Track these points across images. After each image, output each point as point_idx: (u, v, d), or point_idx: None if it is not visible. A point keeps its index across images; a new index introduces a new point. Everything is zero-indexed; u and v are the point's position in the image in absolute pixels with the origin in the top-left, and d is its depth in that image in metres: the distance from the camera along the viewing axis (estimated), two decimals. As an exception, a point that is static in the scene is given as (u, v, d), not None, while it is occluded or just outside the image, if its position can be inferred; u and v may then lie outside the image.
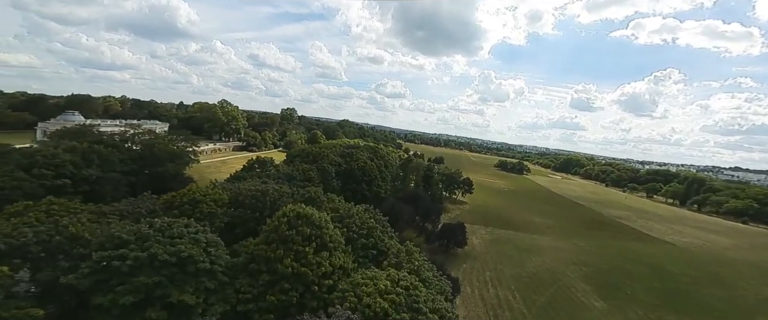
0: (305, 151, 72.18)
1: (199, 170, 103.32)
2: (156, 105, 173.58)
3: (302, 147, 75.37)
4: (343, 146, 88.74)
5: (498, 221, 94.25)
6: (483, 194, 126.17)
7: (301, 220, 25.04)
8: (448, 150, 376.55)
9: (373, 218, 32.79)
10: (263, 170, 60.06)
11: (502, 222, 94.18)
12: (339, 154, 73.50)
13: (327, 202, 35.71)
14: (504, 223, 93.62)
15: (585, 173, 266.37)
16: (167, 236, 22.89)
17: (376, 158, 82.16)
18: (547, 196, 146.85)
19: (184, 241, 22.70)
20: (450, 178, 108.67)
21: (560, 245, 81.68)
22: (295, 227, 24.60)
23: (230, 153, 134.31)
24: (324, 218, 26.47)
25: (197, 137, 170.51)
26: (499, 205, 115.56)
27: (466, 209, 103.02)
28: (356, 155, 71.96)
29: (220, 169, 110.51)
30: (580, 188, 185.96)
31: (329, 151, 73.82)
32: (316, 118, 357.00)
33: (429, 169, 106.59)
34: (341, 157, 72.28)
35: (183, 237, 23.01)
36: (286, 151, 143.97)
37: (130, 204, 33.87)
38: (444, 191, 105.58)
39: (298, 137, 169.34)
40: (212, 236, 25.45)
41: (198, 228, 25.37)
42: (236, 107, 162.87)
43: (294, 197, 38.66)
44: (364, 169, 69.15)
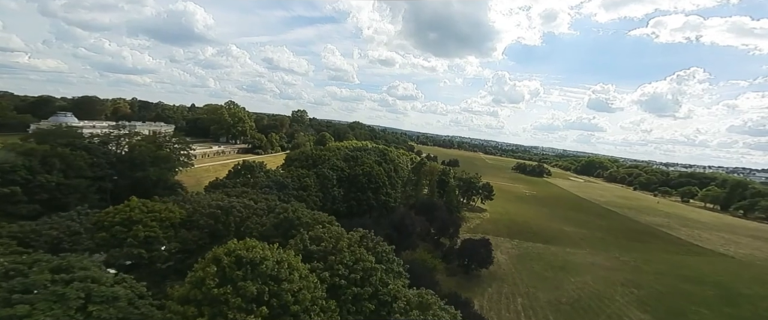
0: (305, 154, 62.60)
1: (196, 174, 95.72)
2: (164, 107, 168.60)
3: (302, 150, 65.74)
4: (349, 148, 78.99)
5: (524, 233, 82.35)
6: (503, 200, 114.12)
7: (244, 268, 15.25)
8: (462, 152, 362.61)
9: (372, 252, 22.40)
10: (251, 177, 50.73)
11: (529, 233, 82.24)
12: (343, 157, 63.70)
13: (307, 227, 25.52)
14: (531, 234, 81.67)
15: (609, 176, 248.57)
16: (5, 289, 13.48)
17: (385, 162, 72.04)
18: (573, 202, 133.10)
19: (37, 297, 13.21)
20: (467, 183, 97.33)
21: (599, 260, 69.44)
22: (232, 280, 14.83)
23: (234, 156, 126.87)
24: (287, 263, 16.53)
25: (203, 139, 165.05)
26: (523, 213, 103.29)
27: (487, 219, 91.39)
28: (362, 158, 62.03)
29: (220, 172, 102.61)
30: (607, 192, 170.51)
31: (332, 154, 64.14)
32: (327, 120, 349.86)
33: (444, 173, 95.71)
34: (345, 161, 62.45)
35: (35, 291, 13.53)
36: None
37: (45, 223, 24.72)
38: (461, 198, 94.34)
39: (306, 138, 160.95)
40: (114, 290, 15.69)
41: (92, 273, 15.72)
42: (243, 109, 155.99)
43: (270, 213, 28.83)
44: (370, 175, 59.06)
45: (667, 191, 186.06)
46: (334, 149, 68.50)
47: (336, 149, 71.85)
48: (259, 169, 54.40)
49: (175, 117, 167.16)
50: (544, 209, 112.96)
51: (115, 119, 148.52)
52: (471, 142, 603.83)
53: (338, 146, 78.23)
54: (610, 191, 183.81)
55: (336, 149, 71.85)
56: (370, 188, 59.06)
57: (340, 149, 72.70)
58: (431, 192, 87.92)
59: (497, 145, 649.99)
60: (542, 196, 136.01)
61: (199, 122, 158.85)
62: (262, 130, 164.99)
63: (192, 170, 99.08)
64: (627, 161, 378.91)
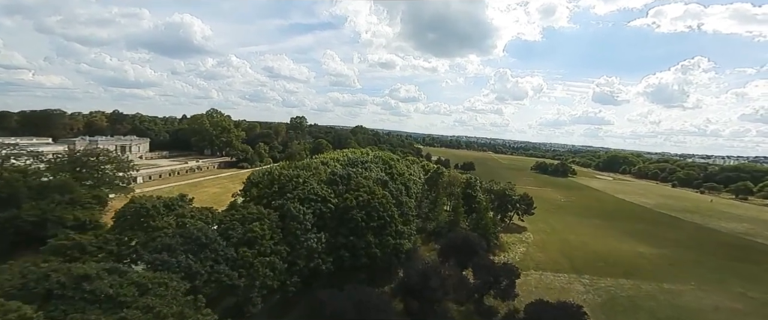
0: (271, 176, 39.34)
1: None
2: (142, 119, 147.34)
3: (268, 169, 42.19)
4: (342, 160, 55.56)
5: (592, 262, 57.94)
6: (541, 210, 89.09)
7: None
8: (471, 153, 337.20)
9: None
10: (147, 226, 27.83)
11: (599, 263, 57.81)
12: (328, 179, 40.16)
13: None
14: (602, 264, 57.30)
15: (638, 172, 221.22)
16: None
17: (392, 179, 48.35)
18: (621, 208, 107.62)
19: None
20: (501, 196, 73.06)
21: (722, 300, 45.86)
22: None
23: (213, 172, 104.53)
24: None
25: (186, 152, 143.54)
26: (573, 229, 78.61)
27: (533, 243, 66.87)
28: (357, 179, 38.29)
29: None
30: (648, 192, 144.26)
31: (311, 175, 40.62)
32: (329, 126, 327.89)
33: (469, 185, 71.69)
34: (331, 184, 38.92)
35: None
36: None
37: None
38: (498, 217, 70.10)
39: (300, 147, 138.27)
40: None
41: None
42: (227, 117, 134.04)
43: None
44: (369, 205, 35.39)
45: (714, 188, 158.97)
46: (317, 166, 44.93)
47: (322, 163, 48.43)
48: (177, 204, 31.38)
49: (155, 129, 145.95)
50: (594, 220, 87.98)
51: (89, 133, 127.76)
52: (477, 141, 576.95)
53: (326, 159, 54.57)
54: (649, 189, 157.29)
55: (322, 163, 48.43)
56: (370, 228, 35.37)
57: (328, 162, 49.47)
58: (455, 213, 63.90)
59: (504, 143, 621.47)
60: (582, 202, 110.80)
61: (181, 134, 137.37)
62: (254, 139, 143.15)
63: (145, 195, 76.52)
64: (642, 154, 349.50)
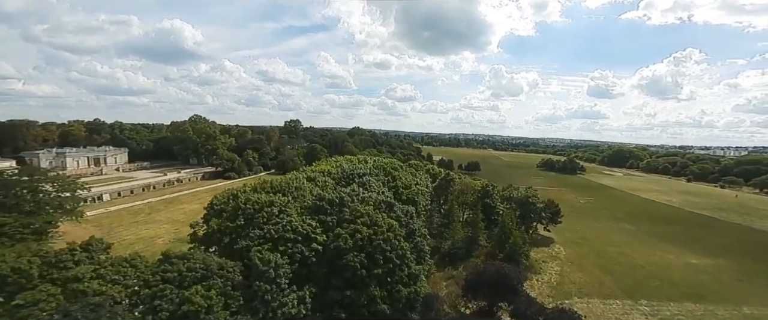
0: (235, 203, 28.08)
1: (110, 223, 62.92)
2: (122, 127, 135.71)
3: (232, 191, 30.61)
4: (335, 172, 44.38)
5: (641, 279, 48.09)
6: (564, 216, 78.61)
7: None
8: (471, 151, 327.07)
9: None
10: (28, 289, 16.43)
11: (650, 280, 47.88)
12: (312, 206, 29.04)
13: None
14: (655, 281, 47.40)
15: (647, 167, 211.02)
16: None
17: (398, 195, 37.42)
18: (647, 208, 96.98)
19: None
20: (523, 205, 62.11)
21: None
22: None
23: (195, 184, 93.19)
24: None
25: (170, 162, 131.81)
26: (605, 236, 68.02)
27: (565, 258, 56.09)
28: (352, 206, 27.22)
29: (156, 218, 68.98)
30: (667, 189, 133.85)
31: (291, 200, 29.51)
32: (326, 128, 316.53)
33: (485, 194, 60.77)
34: (316, 213, 27.83)
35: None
36: (279, 174, 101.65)
37: None
38: (522, 227, 59.13)
39: (294, 153, 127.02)
40: None
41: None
42: (212, 123, 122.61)
43: None
44: (370, 244, 24.33)
45: (734, 182, 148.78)
46: (299, 185, 33.65)
47: (307, 179, 37.25)
48: (54, 268, 20.18)
49: (137, 138, 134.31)
50: (623, 225, 77.38)
51: (65, 144, 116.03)
52: (476, 138, 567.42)
53: (314, 172, 43.08)
54: (666, 185, 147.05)
55: (307, 179, 37.25)
56: (373, 276, 24.34)
57: (317, 178, 38.33)
58: (474, 229, 52.95)
59: (503, 139, 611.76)
60: (602, 204, 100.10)
61: (163, 142, 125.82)
62: (244, 146, 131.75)
63: (106, 218, 65.53)
64: (647, 148, 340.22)
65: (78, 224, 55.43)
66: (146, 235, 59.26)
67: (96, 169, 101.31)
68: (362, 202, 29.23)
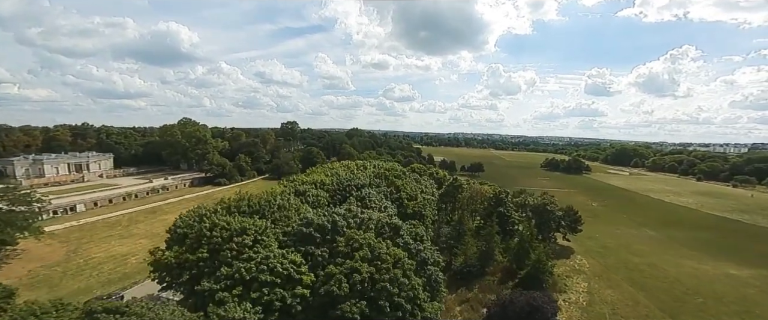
0: (199, 230, 21.21)
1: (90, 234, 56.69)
2: (109, 132, 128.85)
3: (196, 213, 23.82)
4: (329, 183, 37.82)
5: (681, 296, 42.38)
6: (579, 224, 72.18)
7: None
8: (472, 151, 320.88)
9: None
10: None
11: (692, 297, 41.84)
12: (299, 232, 22.39)
13: None
14: (697, 297, 41.36)
15: (653, 165, 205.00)
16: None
17: (402, 209, 30.99)
18: (666, 211, 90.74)
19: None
20: (540, 212, 55.73)
21: None
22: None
23: (183, 191, 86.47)
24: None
25: (160, 168, 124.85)
26: (628, 243, 61.79)
27: (589, 271, 49.84)
28: (349, 234, 20.48)
29: (133, 231, 62.31)
30: (678, 188, 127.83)
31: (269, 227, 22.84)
32: (324, 130, 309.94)
33: (498, 201, 54.23)
34: (303, 243, 21.13)
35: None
36: (277, 179, 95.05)
37: None
38: (539, 237, 52.70)
39: (291, 156, 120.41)
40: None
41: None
42: (203, 126, 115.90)
43: None
44: (373, 286, 17.71)
45: (747, 181, 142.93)
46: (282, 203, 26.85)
47: (295, 194, 30.63)
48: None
49: (125, 143, 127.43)
50: (646, 231, 71.12)
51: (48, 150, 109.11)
52: (476, 138, 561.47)
53: (304, 183, 36.24)
54: (677, 185, 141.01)
55: (295, 194, 30.63)
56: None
57: (307, 191, 31.73)
58: (488, 242, 46.47)
59: (502, 138, 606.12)
60: (618, 206, 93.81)
61: (151, 147, 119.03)
62: (238, 150, 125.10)
63: (76, 231, 59.05)
64: (651, 146, 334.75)
65: (40, 242, 48.95)
66: (119, 252, 52.65)
67: (77, 176, 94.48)
68: (361, 225, 22.81)
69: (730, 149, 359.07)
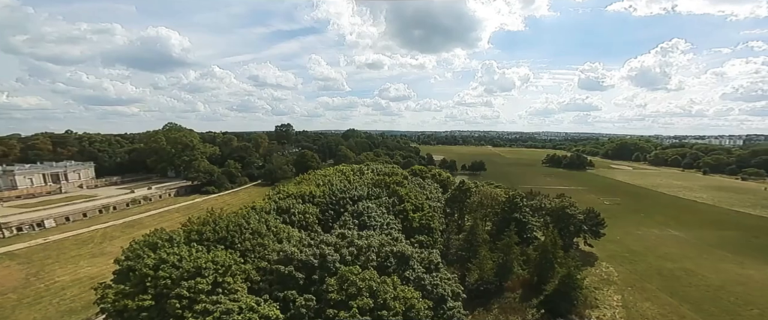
0: (142, 270, 14.61)
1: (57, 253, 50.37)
2: (92, 139, 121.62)
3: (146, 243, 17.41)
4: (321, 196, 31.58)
5: (730, 308, 37.32)
6: (596, 225, 66.35)
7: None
8: (470, 148, 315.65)
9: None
10: None
11: (745, 306, 36.62)
12: (277, 275, 16.09)
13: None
14: (753, 309, 35.10)
15: (656, 159, 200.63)
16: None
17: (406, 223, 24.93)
18: (684, 208, 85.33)
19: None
20: (559, 216, 49.87)
21: None
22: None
23: (167, 202, 79.71)
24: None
25: (146, 176, 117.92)
26: (653, 246, 56.01)
27: (619, 280, 44.21)
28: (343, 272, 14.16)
29: (107, 249, 55.70)
30: (690, 184, 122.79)
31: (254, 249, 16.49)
32: (320, 132, 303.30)
33: (512, 206, 48.25)
34: (282, 285, 14.78)
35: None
36: (271, 185, 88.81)
37: None
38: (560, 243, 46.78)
39: (284, 160, 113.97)
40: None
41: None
42: (190, 131, 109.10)
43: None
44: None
45: (755, 174, 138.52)
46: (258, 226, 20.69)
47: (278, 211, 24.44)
48: None
49: (109, 151, 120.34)
50: (669, 231, 65.52)
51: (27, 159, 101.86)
52: (471, 135, 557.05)
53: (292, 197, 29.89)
54: (687, 179, 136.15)
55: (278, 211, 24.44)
56: None
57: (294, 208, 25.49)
58: (506, 254, 40.53)
59: (498, 135, 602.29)
60: (631, 205, 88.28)
61: (136, 154, 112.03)
62: (229, 155, 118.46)
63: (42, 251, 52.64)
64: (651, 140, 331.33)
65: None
66: (87, 274, 46.07)
67: (54, 187, 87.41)
68: (358, 257, 16.73)
69: (726, 141, 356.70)
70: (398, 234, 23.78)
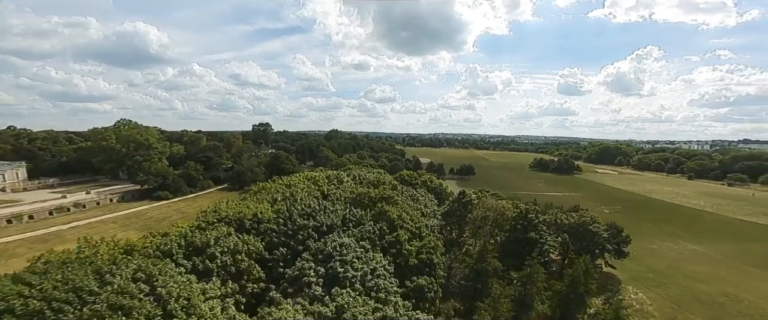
0: None
1: None
2: (31, 136, 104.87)
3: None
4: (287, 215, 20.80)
5: None
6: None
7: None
8: (455, 151, 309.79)
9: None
10: None
11: None
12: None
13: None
14: None
15: (639, 164, 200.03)
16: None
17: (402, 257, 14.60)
18: (691, 217, 79.37)
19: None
20: (578, 233, 40.88)
21: None
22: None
23: (107, 208, 65.63)
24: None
25: (93, 178, 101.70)
26: (677, 264, 48.19)
27: (656, 311, 35.36)
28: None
29: (11, 266, 42.59)
30: (681, 190, 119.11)
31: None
32: (301, 132, 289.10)
33: (528, 224, 38.83)
34: None
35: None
36: (239, 189, 76.51)
37: None
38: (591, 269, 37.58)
39: (255, 162, 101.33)
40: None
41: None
42: (146, 129, 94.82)
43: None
44: None
45: (740, 179, 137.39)
46: (127, 290, 10.37)
47: (186, 251, 13.96)
48: None
49: (53, 149, 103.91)
50: (684, 243, 58.40)
51: None
52: (455, 137, 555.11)
53: (227, 219, 19.46)
54: (675, 184, 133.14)
55: (186, 251, 13.96)
56: None
57: (211, 250, 15.14)
58: (525, 285, 31.00)
59: (481, 138, 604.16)
60: (632, 213, 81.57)
61: (83, 153, 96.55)
62: (193, 156, 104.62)
63: None
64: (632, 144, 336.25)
65: None
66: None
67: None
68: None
69: (694, 145, 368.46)
70: (393, 289, 13.75)
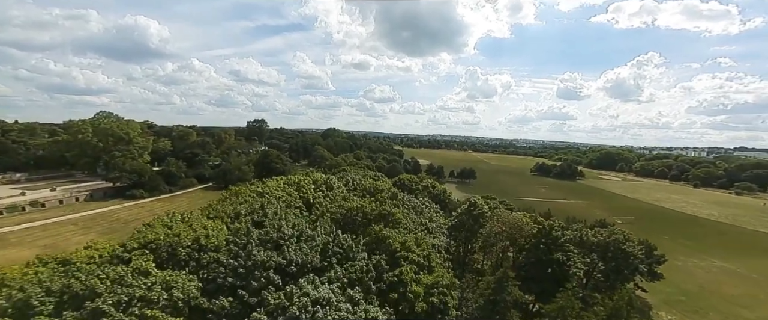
0: None
1: None
2: (7, 128, 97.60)
3: None
4: (226, 247, 14.23)
5: None
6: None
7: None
8: (454, 153, 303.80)
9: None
10: None
11: None
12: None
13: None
14: None
15: (642, 171, 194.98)
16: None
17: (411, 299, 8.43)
18: (706, 228, 73.70)
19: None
20: (607, 251, 34.58)
21: None
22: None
23: (71, 207, 58.53)
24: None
25: (70, 173, 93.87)
26: (708, 284, 42.29)
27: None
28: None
29: None
30: (691, 199, 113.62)
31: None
32: (298, 129, 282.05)
33: (553, 242, 32.34)
34: None
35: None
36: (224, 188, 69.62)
37: None
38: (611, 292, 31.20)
39: (243, 161, 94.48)
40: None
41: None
42: (127, 122, 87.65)
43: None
44: None
45: (748, 188, 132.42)
46: None
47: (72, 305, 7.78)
48: None
49: (28, 143, 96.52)
50: (710, 260, 52.53)
51: None
52: (453, 139, 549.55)
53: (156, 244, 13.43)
54: (683, 193, 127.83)
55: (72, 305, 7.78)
56: None
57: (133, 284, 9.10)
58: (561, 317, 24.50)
59: (479, 140, 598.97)
60: (647, 224, 75.56)
61: (58, 147, 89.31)
62: (180, 152, 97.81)
63: None
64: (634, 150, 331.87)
65: None
66: None
67: None
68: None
69: (690, 152, 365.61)
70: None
